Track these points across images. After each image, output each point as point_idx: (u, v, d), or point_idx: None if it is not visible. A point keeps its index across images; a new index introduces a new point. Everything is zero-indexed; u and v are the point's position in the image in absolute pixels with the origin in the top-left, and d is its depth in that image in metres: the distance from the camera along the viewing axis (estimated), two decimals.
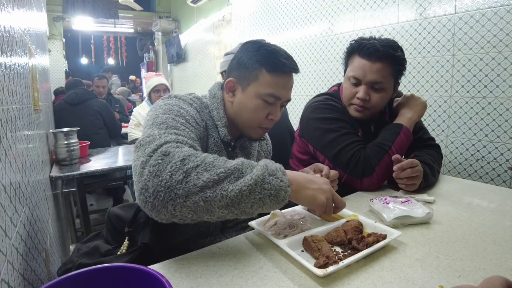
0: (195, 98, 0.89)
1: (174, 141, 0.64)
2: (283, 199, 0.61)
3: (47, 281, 0.88)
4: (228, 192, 0.57)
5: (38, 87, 1.43)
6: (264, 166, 0.62)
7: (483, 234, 0.73)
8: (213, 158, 0.61)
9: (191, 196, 0.56)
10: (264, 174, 0.60)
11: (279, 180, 0.61)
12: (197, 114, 0.82)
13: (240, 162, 0.62)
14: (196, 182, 0.56)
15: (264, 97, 0.82)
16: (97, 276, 0.46)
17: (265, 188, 0.59)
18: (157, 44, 6.96)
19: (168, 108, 0.76)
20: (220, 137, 0.87)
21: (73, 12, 5.11)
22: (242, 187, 0.58)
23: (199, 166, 0.58)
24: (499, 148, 1.35)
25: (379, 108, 1.13)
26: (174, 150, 0.60)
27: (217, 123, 0.87)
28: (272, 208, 0.62)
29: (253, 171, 0.60)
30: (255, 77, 0.82)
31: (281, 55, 0.83)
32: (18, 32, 0.94)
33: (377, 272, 0.58)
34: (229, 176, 0.58)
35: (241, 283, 0.55)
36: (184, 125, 0.73)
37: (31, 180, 0.95)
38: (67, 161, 2.02)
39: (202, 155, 0.61)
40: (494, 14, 1.31)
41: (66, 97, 2.88)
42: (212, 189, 0.57)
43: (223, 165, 0.60)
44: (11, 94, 0.73)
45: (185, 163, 0.58)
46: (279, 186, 0.60)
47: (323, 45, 2.25)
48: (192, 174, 0.57)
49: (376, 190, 1.04)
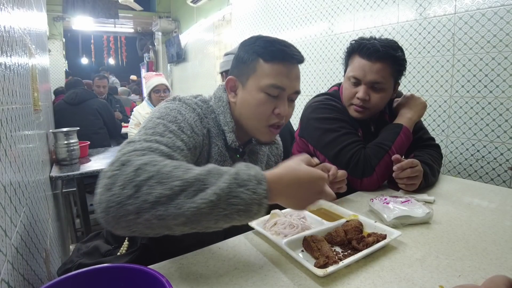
0: (201, 102, 0.82)
1: (145, 148, 0.57)
2: (256, 213, 0.53)
3: (47, 281, 0.88)
4: (184, 210, 0.48)
5: (38, 87, 1.43)
6: (234, 174, 0.52)
7: (483, 234, 0.73)
8: (174, 166, 0.52)
9: (142, 213, 0.48)
10: (232, 185, 0.50)
11: (250, 192, 0.51)
12: (197, 122, 0.75)
13: (207, 170, 0.53)
14: (147, 197, 0.48)
15: (265, 90, 0.76)
16: (97, 276, 0.46)
17: (232, 203, 0.50)
18: (157, 44, 6.96)
19: (165, 112, 0.71)
20: (225, 145, 0.81)
21: (73, 12, 5.11)
22: (200, 204, 0.48)
23: (153, 178, 0.49)
24: (499, 148, 1.35)
25: (379, 108, 1.13)
26: (134, 158, 0.53)
27: (224, 128, 0.81)
28: (243, 222, 0.54)
29: (217, 183, 0.50)
30: (253, 70, 0.77)
31: (279, 42, 0.77)
32: (18, 32, 0.94)
33: (377, 272, 0.58)
34: (187, 189, 0.49)
35: (241, 283, 0.55)
36: (173, 132, 0.66)
37: (31, 180, 0.95)
38: (67, 161, 2.02)
39: (163, 162, 0.52)
40: (494, 14, 1.31)
41: (66, 97, 2.89)
42: (164, 206, 0.48)
43: (181, 175, 0.50)
44: (11, 94, 0.73)
45: (138, 174, 0.50)
46: (251, 200, 0.51)
47: (323, 45, 2.25)
48: (143, 187, 0.48)
49: (376, 190, 1.04)
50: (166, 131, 0.65)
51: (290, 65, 0.77)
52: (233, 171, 0.53)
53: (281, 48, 0.76)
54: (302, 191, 0.58)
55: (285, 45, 0.77)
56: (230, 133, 0.80)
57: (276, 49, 0.75)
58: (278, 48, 0.75)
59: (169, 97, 0.81)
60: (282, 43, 0.77)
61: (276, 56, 0.75)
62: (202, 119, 0.78)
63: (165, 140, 0.63)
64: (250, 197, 0.51)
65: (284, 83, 0.76)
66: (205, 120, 0.79)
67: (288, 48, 0.77)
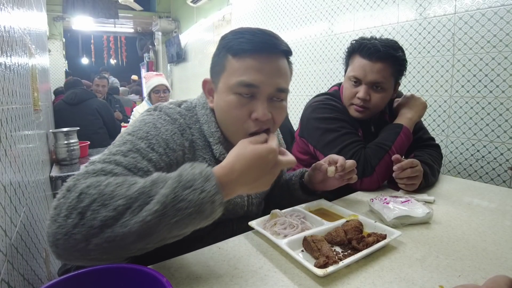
0: (185, 111, 0.74)
1: (97, 171, 0.53)
2: (211, 213, 0.49)
3: (47, 281, 0.88)
4: (130, 227, 0.45)
5: (38, 87, 1.43)
6: (177, 177, 0.48)
7: (483, 234, 0.73)
8: (117, 184, 0.48)
9: (91, 239, 0.45)
10: (176, 190, 0.47)
11: (198, 191, 0.47)
12: (176, 135, 0.68)
13: (151, 180, 0.49)
14: (92, 223, 0.45)
15: (234, 89, 0.65)
16: (97, 276, 0.46)
17: (180, 208, 0.46)
18: (157, 44, 6.96)
19: (138, 127, 0.65)
20: (215, 158, 0.73)
21: (73, 12, 5.12)
22: (145, 217, 0.45)
23: (95, 201, 0.46)
24: (499, 148, 1.35)
25: (379, 108, 1.13)
26: (80, 182, 0.49)
27: (209, 140, 0.73)
28: (202, 225, 0.50)
29: (161, 191, 0.47)
30: (223, 68, 0.68)
31: (249, 32, 0.66)
32: (18, 32, 0.94)
33: (377, 272, 0.58)
34: (132, 205, 0.46)
35: (241, 283, 0.55)
36: (140, 151, 0.60)
37: (31, 180, 0.95)
38: (67, 161, 2.03)
39: (105, 182, 0.49)
40: (494, 14, 1.31)
41: (65, 97, 2.89)
42: (111, 228, 0.45)
43: (124, 193, 0.47)
44: (11, 94, 0.73)
45: (81, 200, 0.46)
46: (200, 200, 0.47)
47: (323, 45, 2.24)
48: (87, 213, 0.45)
49: (376, 190, 1.04)
50: (131, 150, 0.60)
51: (265, 58, 0.65)
52: (176, 173, 0.50)
53: (250, 38, 0.64)
54: (257, 172, 0.55)
55: (255, 33, 0.65)
56: (216, 145, 0.72)
57: (245, 40, 0.64)
58: (247, 39, 0.64)
59: (151, 107, 0.74)
60: (254, 33, 0.66)
61: (245, 48, 0.64)
62: (183, 131, 0.70)
63: (126, 161, 0.57)
64: (199, 196, 0.47)
65: (255, 79, 0.64)
66: (188, 131, 0.71)
67: (260, 37, 0.65)
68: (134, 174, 0.57)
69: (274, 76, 0.66)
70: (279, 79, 0.67)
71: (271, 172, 0.57)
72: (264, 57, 0.65)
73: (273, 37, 0.67)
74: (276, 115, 0.69)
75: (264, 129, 0.69)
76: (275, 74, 0.66)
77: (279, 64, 0.67)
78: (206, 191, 0.48)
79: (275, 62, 0.67)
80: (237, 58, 0.65)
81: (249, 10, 3.11)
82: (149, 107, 0.74)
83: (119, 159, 0.57)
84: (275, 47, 0.66)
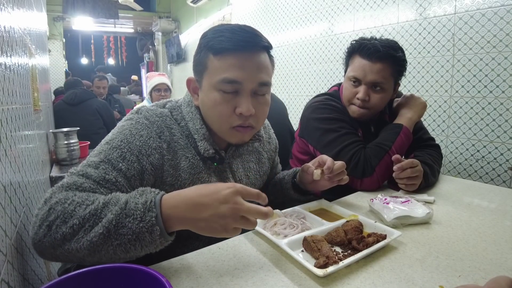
0: (167, 111, 0.76)
1: (70, 184, 0.59)
2: (151, 241, 0.52)
3: (47, 281, 0.88)
4: (81, 243, 0.51)
5: (38, 87, 1.43)
6: (123, 204, 0.53)
7: (483, 234, 0.73)
8: (77, 203, 0.54)
9: (57, 248, 0.52)
10: (119, 217, 0.52)
11: (137, 221, 0.51)
12: (151, 139, 0.69)
13: (104, 202, 0.54)
14: (56, 235, 0.52)
15: (218, 86, 0.68)
16: (97, 276, 0.46)
17: (121, 234, 0.51)
18: (157, 44, 6.96)
19: (116, 135, 0.69)
20: (199, 155, 0.74)
21: (73, 12, 5.12)
22: (92, 237, 0.51)
23: (59, 218, 0.53)
24: (499, 148, 1.35)
25: (379, 109, 1.13)
26: (54, 196, 0.56)
27: (194, 136, 0.74)
28: (145, 251, 0.54)
29: (108, 215, 0.52)
30: (205, 67, 0.69)
31: (229, 30, 0.67)
32: (18, 32, 0.94)
33: (377, 272, 0.58)
34: (84, 225, 0.52)
35: (241, 283, 0.55)
36: (111, 162, 0.64)
37: (31, 180, 0.95)
38: (67, 161, 2.03)
39: (70, 200, 0.55)
40: (494, 14, 1.31)
41: (65, 97, 2.88)
42: (69, 242, 0.52)
43: (81, 212, 0.53)
44: (11, 94, 0.73)
45: (50, 214, 0.53)
46: (138, 229, 0.51)
47: (323, 45, 2.25)
48: (53, 227, 0.53)
49: (376, 190, 1.04)
50: (103, 161, 0.64)
51: (245, 55, 0.67)
52: (124, 200, 0.54)
53: (230, 36, 0.66)
54: (205, 211, 0.52)
55: (235, 31, 0.67)
56: (201, 141, 0.73)
57: (225, 38, 0.66)
58: (226, 37, 0.66)
59: (133, 109, 0.76)
60: (234, 31, 0.67)
61: (225, 47, 0.66)
62: (161, 133, 0.71)
63: (95, 173, 0.62)
64: (137, 226, 0.51)
65: (237, 75, 0.66)
66: (167, 132, 0.72)
67: (240, 35, 0.66)
68: (101, 186, 0.61)
69: (256, 71, 0.68)
70: (261, 74, 0.69)
71: (224, 215, 0.52)
72: (245, 54, 0.67)
73: (253, 34, 0.68)
74: (259, 110, 0.72)
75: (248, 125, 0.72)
76: (256, 70, 0.68)
77: (260, 59, 0.69)
78: (145, 221, 0.51)
79: (256, 58, 0.68)
80: (219, 56, 0.67)
81: (249, 10, 3.11)
82: (132, 110, 0.76)
83: (90, 172, 0.62)
84: (255, 44, 0.68)
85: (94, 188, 0.60)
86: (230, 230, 0.54)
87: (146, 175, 0.68)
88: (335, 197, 0.97)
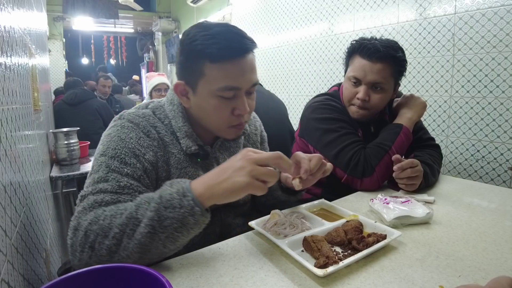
0: (150, 111, 0.78)
1: (91, 205, 0.61)
2: (195, 222, 0.56)
3: (47, 281, 0.88)
4: (131, 248, 0.54)
5: (38, 87, 1.43)
6: (158, 199, 0.56)
7: (483, 234, 0.73)
8: (111, 216, 0.57)
9: (105, 262, 0.55)
10: (159, 211, 0.54)
11: (177, 208, 0.54)
12: (141, 139, 0.71)
13: (136, 204, 0.57)
14: (101, 252, 0.54)
15: (219, 93, 0.69)
16: (97, 276, 0.46)
17: (166, 225, 0.54)
18: (157, 44, 6.96)
19: (107, 145, 0.69)
20: (183, 151, 0.76)
21: (73, 12, 5.12)
22: (140, 239, 0.54)
23: (99, 235, 0.55)
24: (499, 148, 1.35)
25: (378, 109, 1.13)
26: (82, 220, 0.58)
27: (177, 134, 0.76)
28: (192, 234, 0.58)
29: (146, 213, 0.55)
30: (201, 73, 0.69)
31: (223, 36, 0.67)
32: (18, 32, 0.94)
33: (377, 272, 0.58)
34: (125, 231, 0.54)
35: (241, 283, 0.55)
36: (116, 171, 0.66)
37: (31, 180, 0.95)
38: (67, 161, 2.03)
39: (102, 216, 0.57)
40: (494, 14, 1.31)
41: (65, 98, 2.89)
42: (116, 253, 0.55)
43: (117, 222, 0.55)
44: (11, 94, 0.73)
45: (88, 236, 0.56)
46: (182, 215, 0.54)
47: (323, 45, 2.25)
48: (95, 246, 0.55)
49: (376, 190, 1.04)
50: (109, 172, 0.65)
51: (241, 60, 0.68)
52: (157, 195, 0.57)
53: (227, 44, 0.67)
54: (225, 173, 0.57)
55: (229, 38, 0.67)
56: (183, 138, 0.76)
57: (222, 46, 0.66)
58: (223, 45, 0.66)
59: (116, 116, 0.77)
60: (227, 36, 0.67)
61: (224, 54, 0.67)
62: (148, 132, 0.73)
63: (109, 186, 0.64)
64: (179, 212, 0.54)
65: (238, 82, 0.69)
66: (153, 130, 0.74)
67: (234, 40, 0.68)
68: (121, 194, 0.64)
69: (250, 73, 0.71)
70: (253, 75, 0.72)
71: (239, 165, 0.57)
72: (241, 60, 0.69)
73: (243, 37, 0.69)
74: (250, 106, 0.75)
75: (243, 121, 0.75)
76: (250, 72, 0.71)
77: (251, 61, 0.72)
78: (184, 206, 0.55)
79: (249, 61, 0.71)
80: (217, 65, 0.67)
81: (249, 10, 3.11)
82: (115, 117, 0.77)
83: (103, 187, 0.63)
84: (247, 48, 0.70)
85: (115, 198, 0.62)
86: (253, 181, 0.56)
87: (148, 172, 0.71)
88: (335, 197, 0.97)
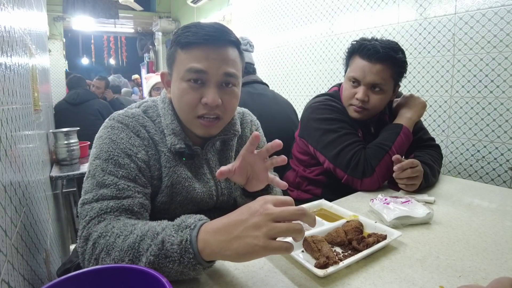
0: (141, 110, 0.78)
1: (98, 213, 0.61)
2: (196, 274, 0.52)
3: (47, 281, 0.88)
4: None
5: (38, 87, 1.43)
6: (159, 244, 0.51)
7: (483, 234, 0.73)
8: (117, 234, 0.56)
9: None
10: (159, 258, 0.51)
11: (177, 263, 0.50)
12: (132, 139, 0.72)
13: (142, 235, 0.54)
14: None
15: (185, 77, 0.70)
16: (97, 276, 0.46)
17: (166, 271, 0.51)
18: (157, 44, 6.96)
19: (100, 147, 0.69)
20: (171, 149, 0.75)
21: (73, 12, 5.12)
22: None
23: (103, 251, 0.56)
24: (500, 148, 1.35)
25: (378, 110, 1.13)
26: (92, 230, 0.60)
27: (165, 131, 0.76)
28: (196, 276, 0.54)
29: (146, 254, 0.52)
30: (174, 60, 0.73)
31: (196, 26, 0.71)
32: (18, 32, 0.94)
33: (377, 273, 0.58)
34: (124, 259, 0.53)
35: (241, 284, 0.55)
36: (112, 174, 0.66)
37: (31, 180, 0.95)
38: (67, 161, 2.03)
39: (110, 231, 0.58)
40: (494, 14, 1.31)
41: (67, 97, 2.90)
42: None
43: (120, 244, 0.55)
44: (11, 94, 0.73)
45: (95, 248, 0.57)
46: (181, 268, 0.51)
47: (323, 45, 2.24)
48: (99, 259, 0.57)
49: (376, 190, 1.04)
50: (105, 175, 0.66)
51: (211, 47, 0.69)
52: (160, 238, 0.52)
53: (196, 31, 0.69)
54: (239, 224, 0.48)
55: (202, 27, 0.70)
56: (169, 136, 0.75)
57: (191, 33, 0.69)
58: (192, 32, 0.69)
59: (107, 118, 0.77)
60: (200, 26, 0.70)
61: (191, 40, 0.69)
62: (138, 132, 0.73)
63: (109, 191, 0.64)
64: (178, 267, 0.51)
65: (202, 65, 0.69)
66: (143, 130, 0.74)
67: (206, 30, 0.69)
68: (122, 198, 0.64)
69: (221, 62, 0.70)
70: (226, 66, 0.71)
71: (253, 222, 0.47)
72: (210, 47, 0.69)
73: (219, 30, 0.71)
74: (226, 101, 0.73)
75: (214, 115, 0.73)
76: (222, 61, 0.70)
77: (226, 52, 0.71)
78: (184, 264, 0.50)
79: (222, 51, 0.71)
80: (186, 50, 0.70)
81: (249, 10, 3.11)
82: (106, 119, 0.76)
83: (104, 193, 0.64)
84: (220, 38, 0.70)
85: (119, 203, 0.63)
86: (269, 243, 0.46)
87: (142, 171, 0.71)
88: (335, 198, 0.97)
